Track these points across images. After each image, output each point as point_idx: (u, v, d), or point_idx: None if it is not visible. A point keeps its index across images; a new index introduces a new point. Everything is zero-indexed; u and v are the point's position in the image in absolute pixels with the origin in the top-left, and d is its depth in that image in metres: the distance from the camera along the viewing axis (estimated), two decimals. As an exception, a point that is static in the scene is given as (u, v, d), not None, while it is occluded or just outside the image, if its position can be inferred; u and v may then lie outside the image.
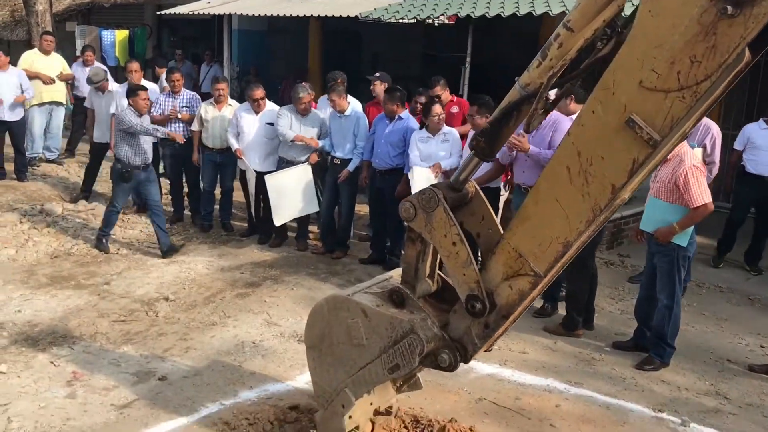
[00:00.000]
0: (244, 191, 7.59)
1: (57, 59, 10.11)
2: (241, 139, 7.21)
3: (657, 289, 4.88)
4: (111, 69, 11.70)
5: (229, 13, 11.20)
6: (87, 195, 8.51)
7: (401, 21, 9.00)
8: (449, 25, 8.80)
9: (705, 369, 4.97)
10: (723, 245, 7.27)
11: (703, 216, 4.64)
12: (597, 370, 4.87)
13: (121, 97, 7.91)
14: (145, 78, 8.88)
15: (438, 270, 3.33)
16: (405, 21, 8.95)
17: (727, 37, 2.16)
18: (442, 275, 3.34)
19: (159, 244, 6.91)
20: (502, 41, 11.01)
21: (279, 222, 6.98)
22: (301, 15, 10.04)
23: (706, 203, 4.57)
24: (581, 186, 2.58)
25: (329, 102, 6.99)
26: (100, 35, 13.94)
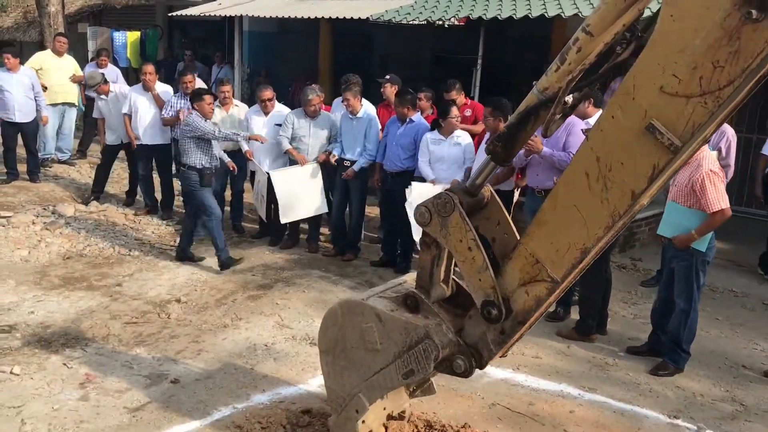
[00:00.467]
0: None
1: (69, 60, 10.16)
2: (252, 141, 7.23)
3: (675, 294, 4.83)
4: (123, 70, 11.76)
5: (240, 15, 11.21)
6: (98, 195, 8.53)
7: (412, 23, 8.98)
8: (460, 27, 8.77)
9: (720, 375, 4.92)
10: None
11: (721, 222, 4.59)
12: (611, 375, 4.83)
13: (137, 98, 7.93)
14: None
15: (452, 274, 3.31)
16: (416, 23, 8.93)
17: (752, 42, 2.13)
18: (456, 280, 3.31)
19: (217, 253, 6.56)
20: (513, 43, 10.99)
21: (285, 220, 6.92)
22: (312, 17, 10.04)
23: (723, 209, 4.52)
24: (600, 192, 2.55)
25: (343, 101, 6.97)
26: (111, 36, 14.00)
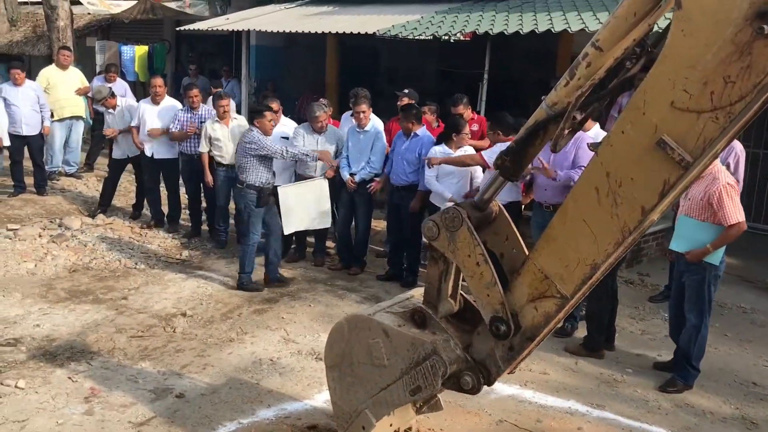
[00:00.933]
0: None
1: (75, 73, 10.21)
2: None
3: (685, 309, 4.80)
4: (130, 84, 11.82)
5: (248, 30, 11.27)
6: (105, 209, 8.54)
7: (418, 38, 9.01)
8: (466, 42, 8.79)
9: (730, 392, 4.87)
10: None
11: (737, 235, 4.58)
12: (619, 391, 4.78)
13: (145, 111, 7.96)
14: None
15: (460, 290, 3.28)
16: (422, 38, 8.96)
17: (763, 57, 2.12)
18: (464, 295, 3.29)
19: (267, 270, 6.47)
20: (519, 58, 11.01)
21: (288, 231, 6.83)
22: (319, 31, 10.08)
23: (740, 221, 4.52)
24: (610, 207, 2.53)
25: (355, 114, 6.97)
26: (119, 50, 14.08)
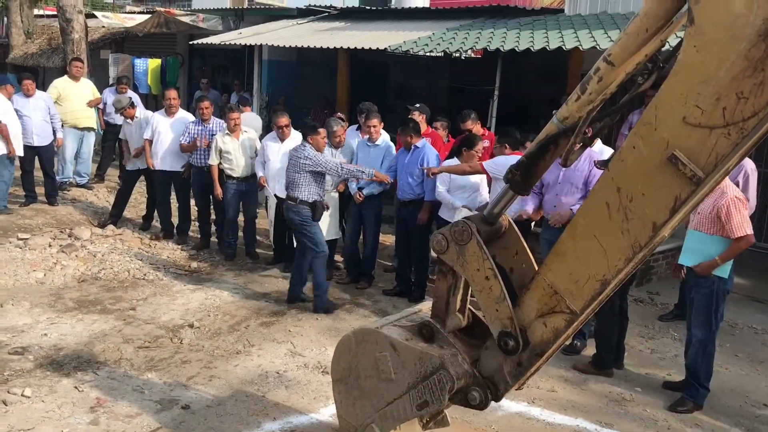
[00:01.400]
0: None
1: (86, 85, 10.33)
2: (267, 167, 7.30)
3: (692, 324, 4.76)
4: (142, 97, 11.92)
5: (260, 44, 11.36)
6: (116, 220, 8.57)
7: (429, 54, 9.05)
8: (477, 59, 8.83)
9: (741, 413, 4.80)
10: None
11: (745, 247, 4.59)
12: (628, 410, 4.73)
13: (159, 123, 8.00)
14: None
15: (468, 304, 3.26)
16: (433, 54, 9.00)
17: (777, 73, 2.11)
18: (473, 310, 3.27)
19: (316, 293, 6.22)
20: (529, 75, 11.05)
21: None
22: (331, 47, 10.15)
23: (747, 234, 4.54)
24: (621, 222, 2.51)
25: (365, 129, 6.98)
26: (132, 63, 14.23)
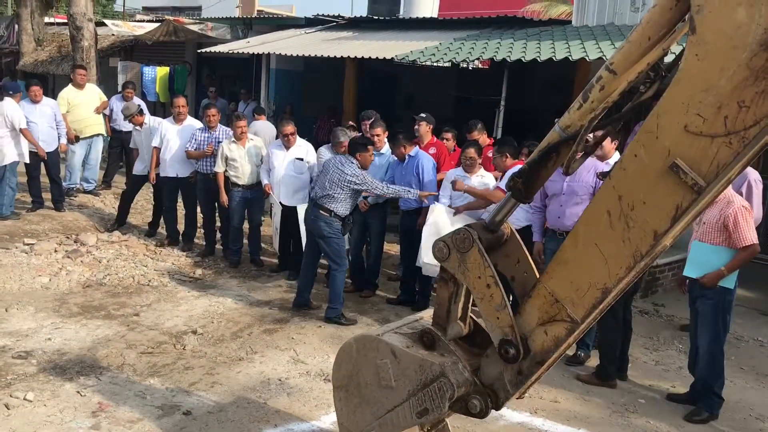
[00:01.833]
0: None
1: (92, 91, 10.41)
2: (272, 174, 7.34)
3: (698, 335, 4.74)
4: (150, 104, 12.01)
5: (268, 53, 11.43)
6: (121, 222, 8.62)
7: (436, 64, 9.09)
8: (483, 69, 8.86)
9: (745, 426, 4.76)
10: None
11: (751, 257, 4.59)
12: (631, 422, 4.70)
13: (167, 130, 8.04)
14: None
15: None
16: (440, 64, 9.04)
17: (779, 82, 2.10)
18: (474, 318, 3.26)
19: (330, 306, 6.16)
20: (536, 85, 11.06)
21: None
22: (338, 56, 10.20)
23: (753, 243, 4.54)
24: (622, 231, 2.51)
25: (373, 136, 6.99)
26: (141, 71, 14.35)
